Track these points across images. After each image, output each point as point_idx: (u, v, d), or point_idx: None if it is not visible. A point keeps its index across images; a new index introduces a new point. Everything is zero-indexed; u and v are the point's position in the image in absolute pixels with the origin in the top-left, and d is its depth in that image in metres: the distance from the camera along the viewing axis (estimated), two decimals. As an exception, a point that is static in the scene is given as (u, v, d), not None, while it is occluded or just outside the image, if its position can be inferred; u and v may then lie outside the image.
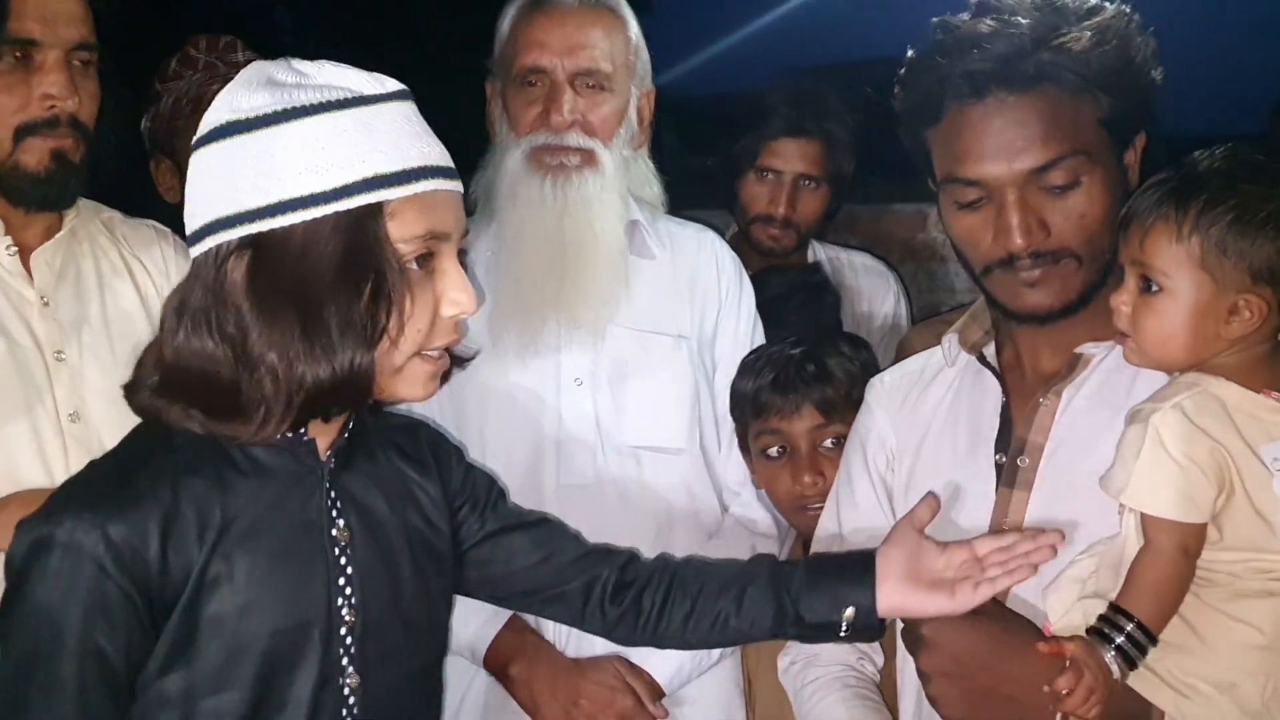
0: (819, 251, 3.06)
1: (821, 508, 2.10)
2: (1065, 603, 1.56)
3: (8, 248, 1.83)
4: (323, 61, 1.41)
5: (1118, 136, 1.63)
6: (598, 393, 2.21)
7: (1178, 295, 1.49)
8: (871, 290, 3.05)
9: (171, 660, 1.33)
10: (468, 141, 2.37)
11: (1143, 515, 1.48)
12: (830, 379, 2.13)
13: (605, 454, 2.20)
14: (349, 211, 1.33)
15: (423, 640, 1.56)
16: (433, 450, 1.65)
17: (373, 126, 1.35)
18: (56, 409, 1.79)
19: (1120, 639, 1.46)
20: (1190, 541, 1.46)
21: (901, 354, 2.17)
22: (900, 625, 1.72)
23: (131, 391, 1.43)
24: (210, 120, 1.38)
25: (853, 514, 1.90)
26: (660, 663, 2.15)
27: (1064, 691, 1.45)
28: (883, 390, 1.90)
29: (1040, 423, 1.67)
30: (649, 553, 2.19)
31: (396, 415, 1.67)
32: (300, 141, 1.33)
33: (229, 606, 1.35)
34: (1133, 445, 1.47)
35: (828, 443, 2.14)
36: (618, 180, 2.20)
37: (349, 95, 1.36)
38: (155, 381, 1.40)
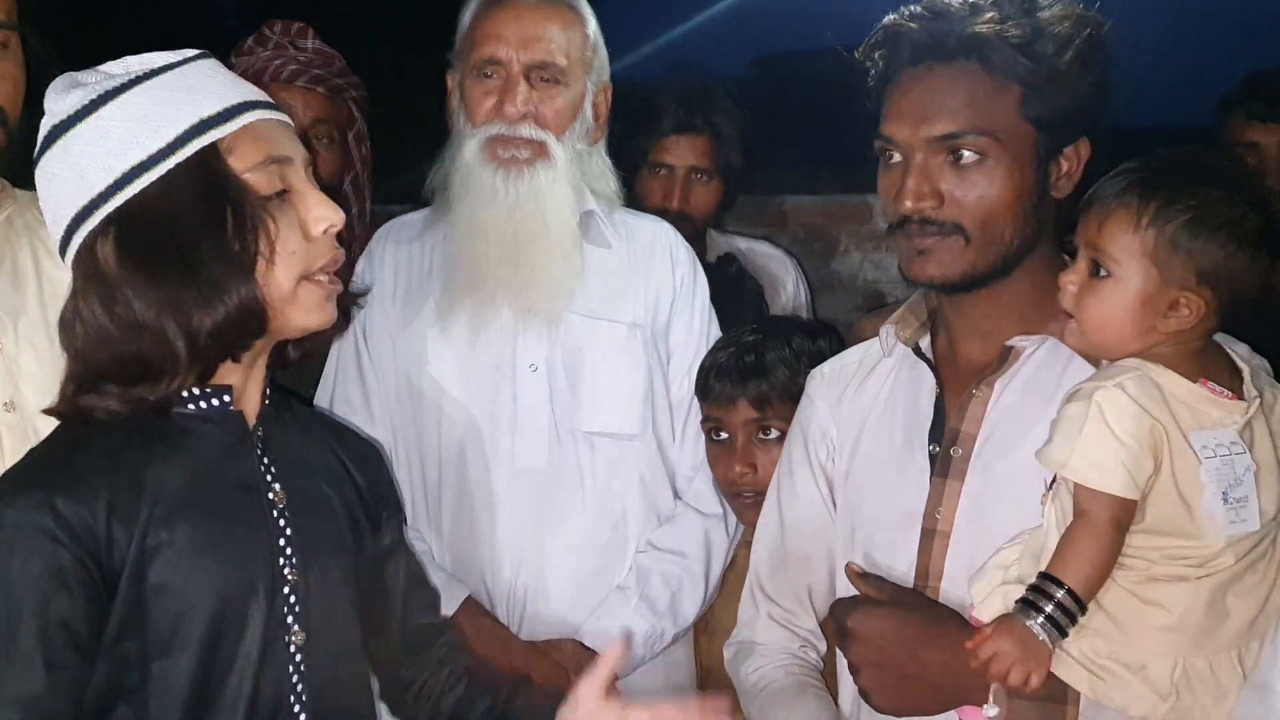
0: (717, 241, 3.12)
1: (753, 497, 2.15)
2: (988, 588, 1.60)
3: None
4: (124, 59, 1.48)
5: (1048, 136, 1.65)
6: (553, 379, 2.23)
7: (1123, 282, 1.54)
8: (771, 276, 3.12)
9: (124, 627, 1.36)
10: (419, 132, 2.39)
11: (1076, 488, 1.51)
12: (766, 374, 2.15)
13: (560, 439, 2.22)
14: (190, 159, 1.39)
15: (357, 611, 1.60)
16: (364, 449, 1.70)
17: (187, 82, 1.44)
18: None
19: (1049, 607, 1.49)
20: (1122, 515, 1.49)
21: (855, 343, 2.20)
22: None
23: (57, 414, 1.46)
24: (40, 138, 1.45)
25: (792, 503, 1.92)
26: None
27: (988, 665, 1.50)
28: (822, 381, 1.93)
29: (973, 413, 1.70)
30: (603, 538, 2.23)
31: (334, 416, 1.76)
32: (125, 114, 1.40)
33: (173, 572, 1.38)
34: (1075, 420, 1.51)
35: (764, 434, 2.16)
36: (570, 172, 2.22)
37: (153, 68, 1.44)
38: (72, 390, 1.44)
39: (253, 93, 1.48)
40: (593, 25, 2.29)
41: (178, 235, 1.39)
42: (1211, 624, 1.51)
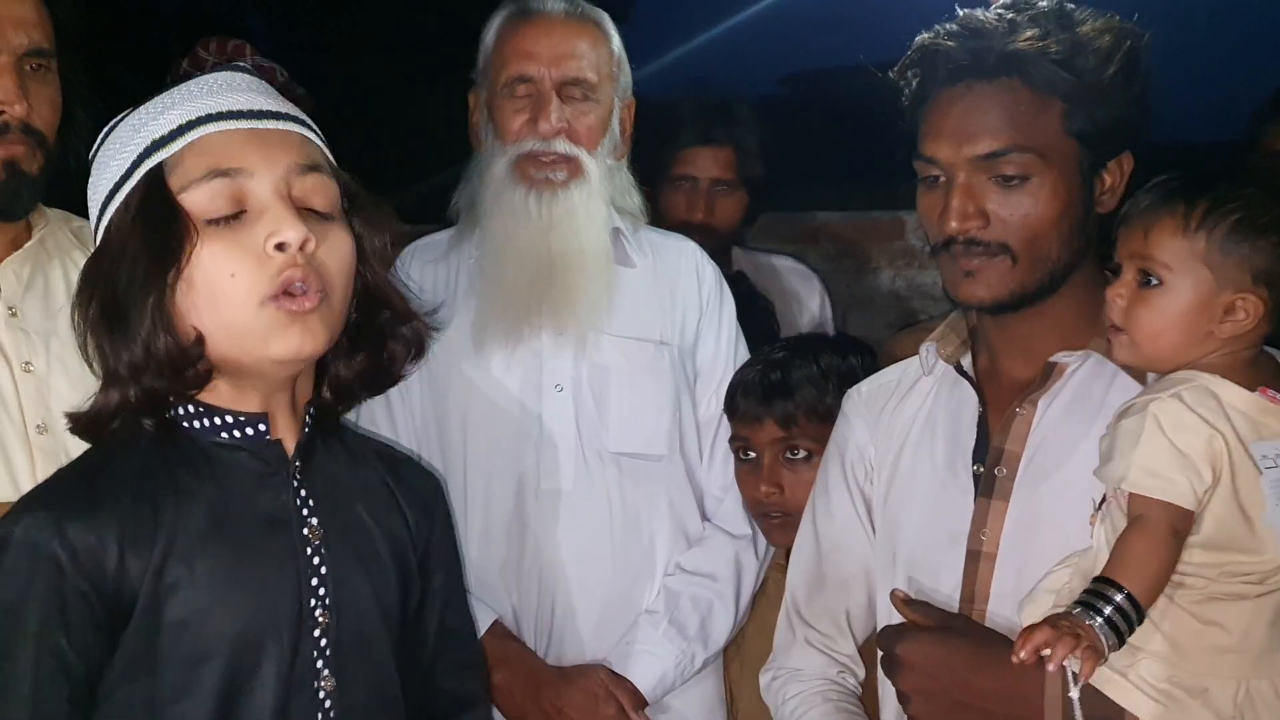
0: (741, 258, 3.11)
1: (780, 518, 2.14)
2: (1040, 614, 1.55)
3: None
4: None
5: (1091, 151, 1.64)
6: (579, 399, 2.21)
7: (1177, 289, 1.51)
8: (794, 292, 3.12)
9: (134, 667, 1.32)
10: (441, 151, 2.38)
11: (1132, 497, 1.47)
12: (792, 393, 2.13)
13: (586, 460, 2.20)
14: (137, 185, 1.36)
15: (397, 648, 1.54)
16: (421, 484, 1.63)
17: (165, 103, 1.40)
18: (24, 420, 1.77)
19: (1109, 609, 1.42)
20: (1180, 525, 1.45)
21: (887, 359, 2.18)
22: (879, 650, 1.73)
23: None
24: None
25: (829, 525, 1.89)
26: (643, 672, 2.16)
27: (1043, 647, 1.41)
28: (860, 400, 1.90)
29: (1017, 432, 1.67)
30: (632, 561, 2.21)
31: (398, 448, 1.69)
32: (106, 149, 1.42)
33: (189, 611, 1.33)
34: (1131, 434, 1.47)
35: (791, 454, 2.14)
36: (603, 189, 2.22)
37: (166, 87, 1.42)
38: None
39: (228, 104, 1.38)
40: (617, 41, 2.28)
41: (108, 271, 1.36)
42: (1274, 644, 1.47)
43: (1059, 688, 1.50)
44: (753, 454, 2.18)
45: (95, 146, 1.45)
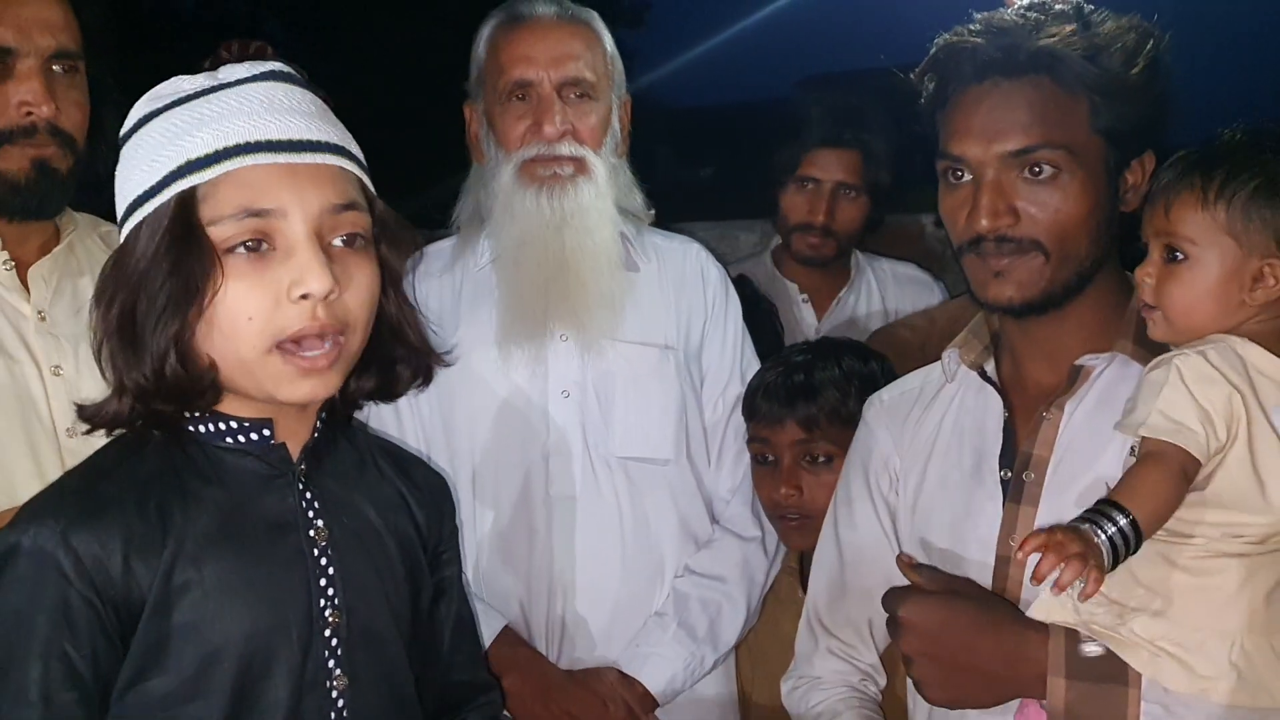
0: (861, 262, 3.11)
1: (798, 520, 2.14)
2: (1049, 609, 1.55)
3: (4, 262, 1.84)
4: (239, 64, 1.42)
5: (1117, 149, 1.64)
6: (585, 404, 2.21)
7: (1203, 262, 1.52)
8: (915, 299, 3.08)
9: (146, 668, 1.33)
10: (456, 156, 2.39)
11: (1145, 439, 1.48)
12: (815, 395, 2.13)
13: (593, 465, 2.20)
14: (168, 202, 1.33)
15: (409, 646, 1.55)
16: (429, 482, 1.63)
17: (203, 114, 1.35)
18: (53, 423, 1.80)
19: (1112, 529, 1.43)
20: (1190, 468, 1.46)
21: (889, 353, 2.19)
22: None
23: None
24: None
25: (851, 534, 1.88)
26: (653, 674, 2.16)
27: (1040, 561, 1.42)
28: (882, 409, 1.90)
29: (1044, 436, 1.67)
30: (640, 564, 2.21)
31: (404, 446, 1.69)
32: (148, 140, 1.37)
33: (200, 613, 1.34)
34: (1154, 384, 1.48)
35: (811, 458, 2.14)
36: (610, 186, 2.22)
37: (196, 90, 1.37)
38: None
39: (273, 131, 1.34)
40: (609, 40, 2.28)
41: (129, 286, 1.34)
42: (1270, 601, 1.47)
43: (1061, 648, 1.52)
44: (771, 456, 2.18)
45: (128, 128, 1.40)
